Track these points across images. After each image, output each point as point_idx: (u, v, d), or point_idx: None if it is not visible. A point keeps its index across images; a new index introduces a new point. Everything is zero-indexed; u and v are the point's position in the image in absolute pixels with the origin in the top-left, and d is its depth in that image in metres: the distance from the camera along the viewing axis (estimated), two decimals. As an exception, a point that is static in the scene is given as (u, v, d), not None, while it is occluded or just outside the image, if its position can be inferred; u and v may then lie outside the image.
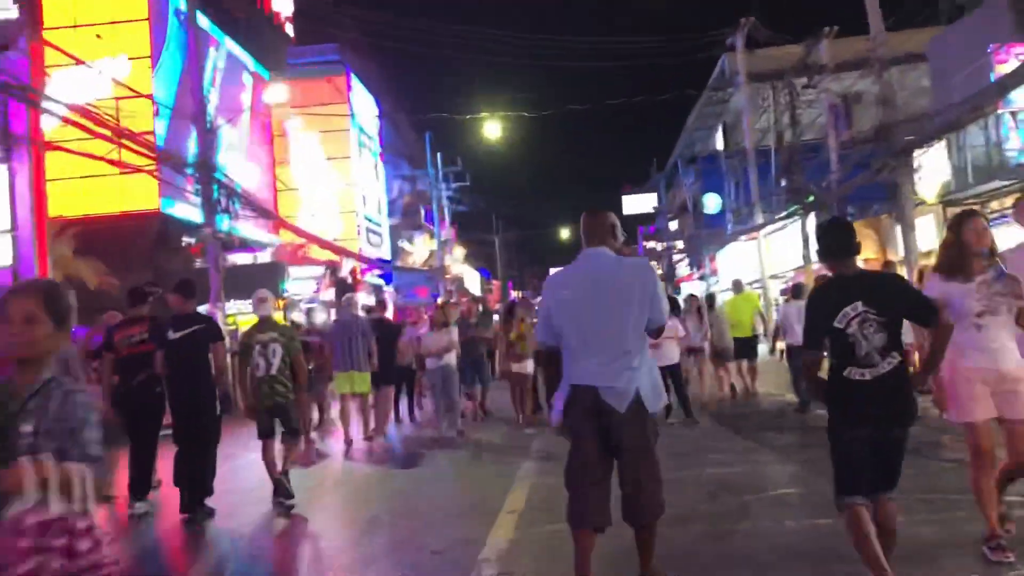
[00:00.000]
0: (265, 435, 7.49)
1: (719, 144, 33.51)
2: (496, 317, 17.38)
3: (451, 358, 11.49)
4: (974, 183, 15.84)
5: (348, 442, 11.26)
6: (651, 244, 62.13)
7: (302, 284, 26.82)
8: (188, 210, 21.33)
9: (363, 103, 36.26)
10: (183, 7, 18.57)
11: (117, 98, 17.37)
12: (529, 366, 12.30)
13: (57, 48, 15.57)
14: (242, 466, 9.46)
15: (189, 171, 15.91)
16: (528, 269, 77.25)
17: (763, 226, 22.80)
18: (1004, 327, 4.45)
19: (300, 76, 32.41)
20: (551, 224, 66.44)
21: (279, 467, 7.45)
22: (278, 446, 7.67)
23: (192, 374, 7.13)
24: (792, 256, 22.60)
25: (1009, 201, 16.01)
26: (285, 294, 24.89)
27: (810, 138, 23.60)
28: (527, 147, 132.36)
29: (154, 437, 7.51)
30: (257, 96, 28.74)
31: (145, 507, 7.34)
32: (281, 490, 7.32)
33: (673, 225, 47.95)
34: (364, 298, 33.30)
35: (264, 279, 24.34)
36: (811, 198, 19.59)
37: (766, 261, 23.03)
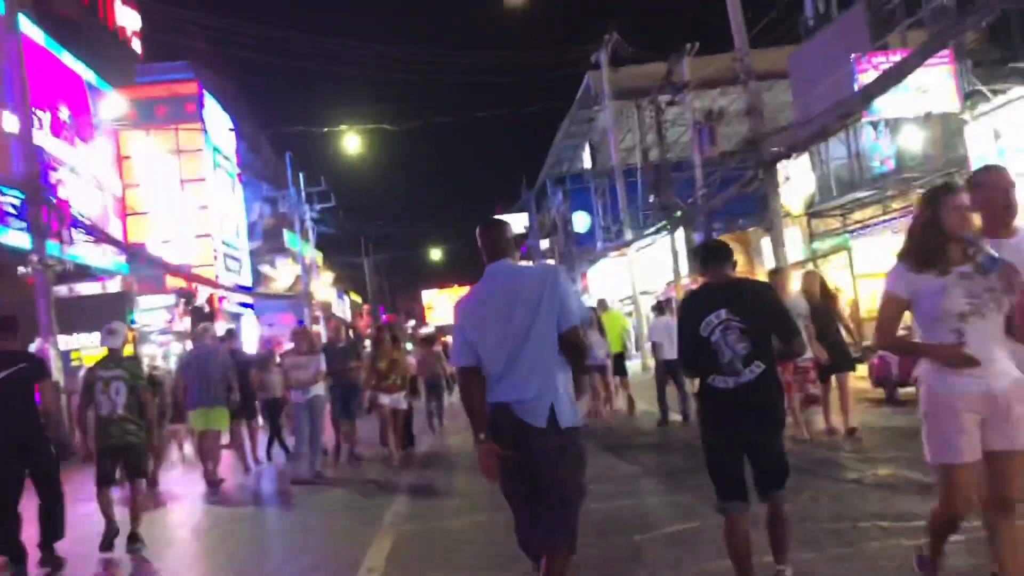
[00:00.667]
0: (104, 481, 7.11)
1: (587, 162, 33.64)
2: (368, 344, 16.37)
3: (319, 389, 10.53)
4: (837, 195, 16.14)
5: (212, 483, 10.28)
6: (522, 264, 62.37)
7: (153, 315, 24.97)
8: (22, 237, 19.47)
9: (217, 121, 34.48)
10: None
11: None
12: (403, 399, 11.44)
13: None
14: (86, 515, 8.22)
15: (6, 191, 14.21)
16: (400, 293, 75.91)
17: (632, 242, 22.77)
18: (993, 333, 3.43)
19: (148, 93, 30.61)
20: (422, 245, 65.30)
21: (116, 516, 7.09)
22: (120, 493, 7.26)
23: (19, 416, 6.46)
24: (662, 271, 22.66)
25: (870, 211, 16.50)
26: (134, 325, 23.05)
27: (676, 156, 23.83)
28: (396, 166, 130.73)
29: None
30: (99, 113, 26.73)
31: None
32: (132, 537, 7.02)
33: (544, 244, 48.09)
34: (222, 328, 31.58)
35: (110, 310, 22.49)
36: (679, 213, 19.61)
37: (637, 277, 23.01)
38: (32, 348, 14.82)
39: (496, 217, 4.15)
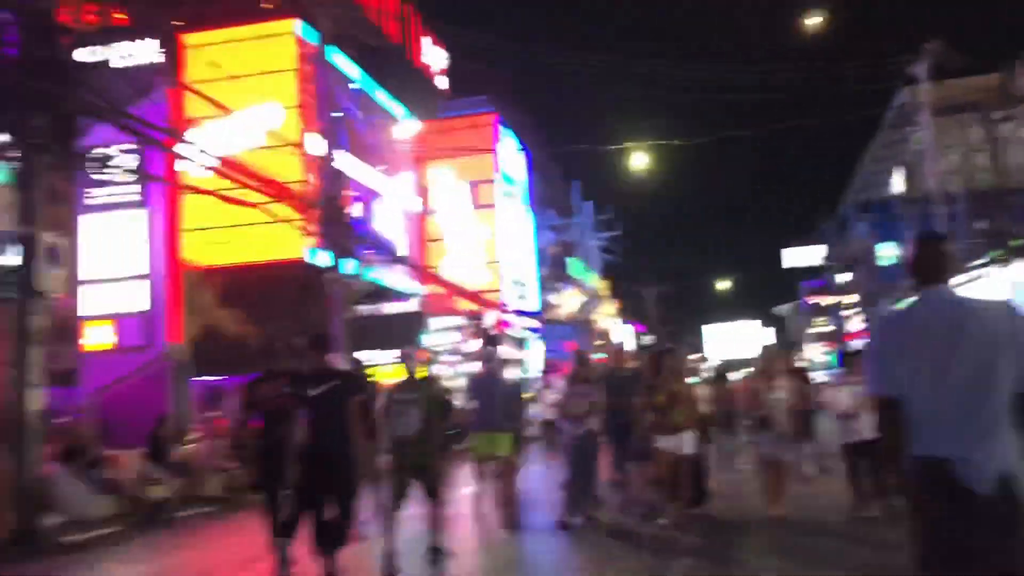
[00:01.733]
0: (397, 500, 7.33)
1: (895, 187, 30.33)
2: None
3: (593, 422, 9.47)
4: None
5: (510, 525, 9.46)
6: (815, 299, 58.36)
7: (443, 335, 25.89)
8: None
9: (510, 151, 35.56)
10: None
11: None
12: (686, 442, 8.74)
13: (200, 94, 15.30)
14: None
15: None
16: (681, 325, 74.18)
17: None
18: None
19: (450, 126, 32.24)
20: (705, 276, 63.35)
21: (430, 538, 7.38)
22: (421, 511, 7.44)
23: (331, 433, 6.59)
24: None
25: None
26: (421, 345, 24.03)
27: (1014, 180, 20.61)
28: (682, 197, 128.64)
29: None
30: (404, 144, 28.49)
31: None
32: (434, 551, 7.35)
33: (842, 277, 44.50)
34: (506, 352, 32.44)
35: (401, 329, 23.60)
36: (1018, 242, 16.78)
37: None
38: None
39: (934, 231, 3.55)
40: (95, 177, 15.28)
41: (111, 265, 15.08)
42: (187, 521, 11.63)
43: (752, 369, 11.44)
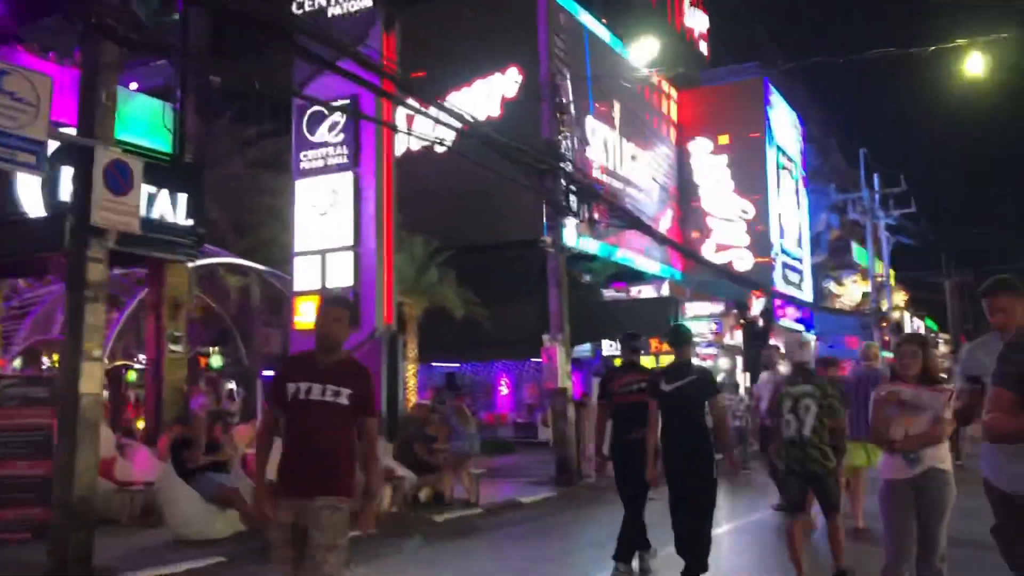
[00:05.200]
0: (794, 507, 6.35)
1: None
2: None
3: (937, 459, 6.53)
4: None
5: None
6: None
7: (699, 324, 22.77)
8: (588, 242, 18.95)
9: (782, 120, 31.49)
10: None
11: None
12: None
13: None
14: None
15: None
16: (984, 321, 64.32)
17: None
18: None
19: (714, 94, 29.03)
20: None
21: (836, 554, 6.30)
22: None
23: (686, 432, 6.32)
24: None
25: None
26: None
27: None
28: (985, 164, 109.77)
29: (643, 498, 6.83)
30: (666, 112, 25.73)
31: (626, 570, 6.74)
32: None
33: None
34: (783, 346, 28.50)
35: (650, 315, 20.91)
36: None
37: None
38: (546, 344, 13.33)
39: None
40: (312, 139, 14.00)
41: (318, 235, 13.71)
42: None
43: None
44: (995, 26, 10.27)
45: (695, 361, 7.04)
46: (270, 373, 18.24)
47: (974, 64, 10.45)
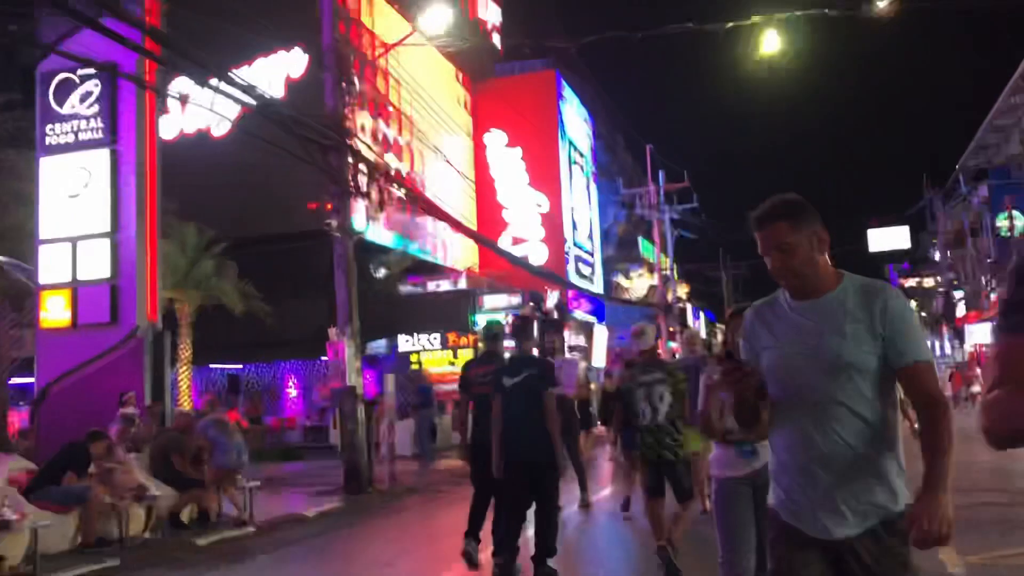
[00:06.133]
0: (652, 492, 6.37)
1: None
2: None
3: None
4: None
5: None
6: (911, 282, 53.44)
7: (496, 316, 22.43)
8: (382, 234, 17.86)
9: (574, 115, 31.92)
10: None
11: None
12: None
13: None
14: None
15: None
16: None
17: None
18: None
19: (507, 85, 28.87)
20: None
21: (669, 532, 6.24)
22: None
23: (529, 423, 6.28)
24: None
25: None
26: (476, 327, 20.60)
27: None
28: (763, 158, 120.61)
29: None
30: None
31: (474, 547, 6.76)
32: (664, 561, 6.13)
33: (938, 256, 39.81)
34: (570, 338, 29.02)
35: (448, 308, 20.30)
36: None
37: None
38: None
39: None
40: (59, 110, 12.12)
41: (68, 220, 11.90)
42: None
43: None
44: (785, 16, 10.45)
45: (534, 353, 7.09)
46: (25, 380, 15.94)
47: (769, 42, 10.58)
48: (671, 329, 33.62)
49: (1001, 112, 25.97)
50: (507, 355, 6.94)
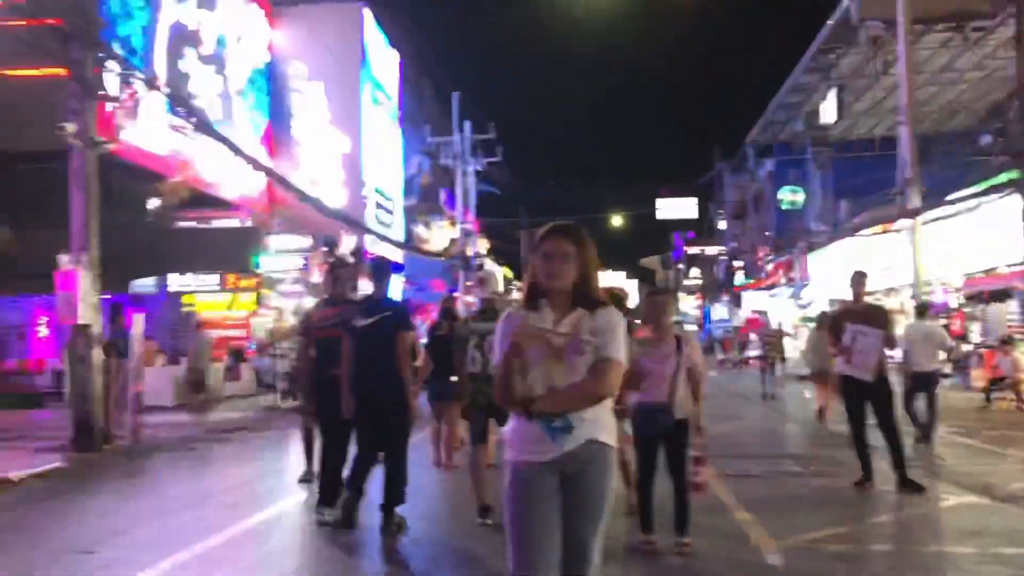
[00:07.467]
0: (477, 438, 6.46)
1: (829, 116, 26.90)
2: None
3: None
4: None
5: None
6: (695, 249, 56.05)
7: (283, 258, 20.79)
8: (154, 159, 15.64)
9: (380, 51, 30.26)
10: None
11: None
12: None
13: None
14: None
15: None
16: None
17: (922, 210, 16.17)
18: None
19: (306, 15, 26.77)
20: (586, 217, 58.51)
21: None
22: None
23: (380, 366, 6.14)
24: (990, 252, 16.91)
25: None
26: (259, 269, 18.96)
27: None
28: (569, 119, 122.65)
29: (348, 436, 6.59)
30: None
31: (336, 515, 6.35)
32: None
33: (724, 224, 41.82)
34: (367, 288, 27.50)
35: (230, 246, 18.52)
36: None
37: (926, 260, 16.39)
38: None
39: None
40: None
41: None
42: None
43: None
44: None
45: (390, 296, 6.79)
46: None
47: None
48: (467, 284, 33.16)
49: (791, 90, 27.09)
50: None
